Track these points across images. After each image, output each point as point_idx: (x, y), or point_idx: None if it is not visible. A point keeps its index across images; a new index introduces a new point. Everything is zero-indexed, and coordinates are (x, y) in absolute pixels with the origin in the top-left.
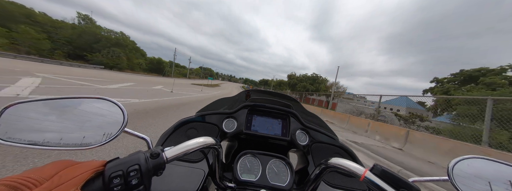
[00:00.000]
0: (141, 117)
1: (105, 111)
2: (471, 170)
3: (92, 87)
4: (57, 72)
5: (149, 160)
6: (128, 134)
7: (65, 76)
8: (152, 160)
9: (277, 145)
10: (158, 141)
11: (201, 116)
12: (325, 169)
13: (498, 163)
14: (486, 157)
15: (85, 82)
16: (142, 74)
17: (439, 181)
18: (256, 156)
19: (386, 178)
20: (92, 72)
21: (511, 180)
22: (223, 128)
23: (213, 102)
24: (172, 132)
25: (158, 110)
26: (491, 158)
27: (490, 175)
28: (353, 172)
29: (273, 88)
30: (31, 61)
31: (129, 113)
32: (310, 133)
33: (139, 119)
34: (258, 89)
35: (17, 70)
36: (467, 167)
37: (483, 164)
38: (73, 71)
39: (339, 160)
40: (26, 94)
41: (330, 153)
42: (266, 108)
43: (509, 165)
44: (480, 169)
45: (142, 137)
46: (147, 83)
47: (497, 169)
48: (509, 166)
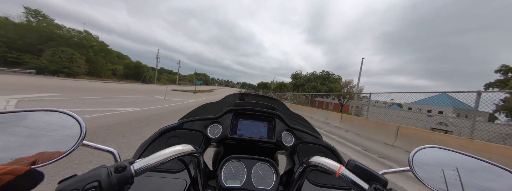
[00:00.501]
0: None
1: (58, 124)
2: (427, 158)
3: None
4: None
5: (113, 175)
6: (90, 148)
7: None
8: (117, 174)
9: (265, 148)
10: (135, 153)
11: (184, 123)
12: (306, 168)
13: (449, 151)
14: (439, 146)
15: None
16: (110, 80)
17: (404, 171)
18: (240, 161)
19: (359, 173)
20: (15, 79)
21: (458, 167)
22: (208, 134)
23: (197, 107)
24: (151, 142)
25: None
26: (443, 147)
27: (443, 162)
28: (330, 169)
29: (273, 91)
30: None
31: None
32: (296, 133)
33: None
34: (246, 93)
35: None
36: (424, 156)
37: (437, 152)
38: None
39: (317, 158)
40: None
41: (314, 152)
42: (251, 111)
43: (457, 153)
44: (434, 157)
45: (107, 150)
46: (89, 92)
47: (449, 156)
48: (458, 153)
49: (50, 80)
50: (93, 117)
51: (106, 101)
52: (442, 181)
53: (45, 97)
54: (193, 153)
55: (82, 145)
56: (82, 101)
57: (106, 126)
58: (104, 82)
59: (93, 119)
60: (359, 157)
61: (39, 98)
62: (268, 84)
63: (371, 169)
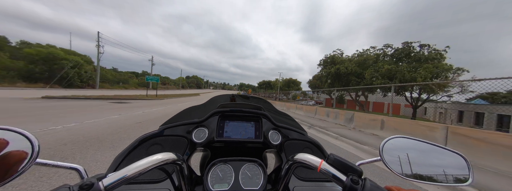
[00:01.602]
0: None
1: (5, 143)
2: (393, 147)
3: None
4: None
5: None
6: (48, 166)
7: None
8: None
9: (253, 148)
10: (110, 166)
11: (165, 130)
12: (292, 165)
13: (411, 140)
14: (403, 136)
15: None
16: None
17: (376, 161)
18: (227, 163)
19: (337, 166)
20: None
21: (414, 151)
22: (193, 139)
23: (180, 112)
24: (128, 153)
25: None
26: (406, 136)
27: (404, 149)
28: (312, 165)
29: (280, 90)
30: None
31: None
32: (282, 131)
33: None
34: (246, 95)
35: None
36: (392, 146)
37: (404, 141)
38: None
39: (301, 155)
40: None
41: (300, 148)
42: (236, 112)
43: (416, 140)
44: (398, 146)
45: (70, 166)
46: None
47: (410, 144)
48: (416, 141)
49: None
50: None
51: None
52: (399, 164)
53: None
54: (175, 161)
55: (37, 164)
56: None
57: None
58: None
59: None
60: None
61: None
62: (271, 82)
63: (348, 162)
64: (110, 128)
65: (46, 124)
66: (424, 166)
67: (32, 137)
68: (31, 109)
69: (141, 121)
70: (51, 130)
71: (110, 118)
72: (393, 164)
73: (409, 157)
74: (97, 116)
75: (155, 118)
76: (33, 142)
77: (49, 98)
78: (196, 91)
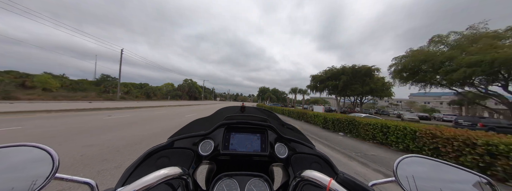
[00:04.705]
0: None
1: (28, 159)
2: (409, 168)
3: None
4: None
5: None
6: (65, 181)
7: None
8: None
9: (259, 162)
10: (119, 179)
11: (173, 142)
12: (299, 182)
13: (431, 161)
14: (421, 156)
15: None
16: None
17: (390, 182)
18: (233, 178)
19: (347, 186)
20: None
21: (436, 176)
22: (199, 152)
23: (188, 124)
24: (137, 166)
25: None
26: (425, 156)
27: (426, 172)
28: (321, 183)
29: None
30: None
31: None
32: (289, 144)
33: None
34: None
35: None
36: (407, 166)
37: (421, 161)
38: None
39: (309, 172)
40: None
41: (308, 163)
42: (242, 124)
43: (434, 161)
44: (417, 167)
45: (84, 181)
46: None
47: (432, 166)
48: (435, 161)
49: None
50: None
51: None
52: (415, 186)
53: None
54: (180, 176)
55: (56, 178)
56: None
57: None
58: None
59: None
60: None
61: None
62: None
63: (360, 182)
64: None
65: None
66: (443, 189)
67: (53, 152)
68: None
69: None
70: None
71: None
72: (409, 186)
73: (426, 178)
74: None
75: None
76: (54, 157)
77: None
78: (181, 103)
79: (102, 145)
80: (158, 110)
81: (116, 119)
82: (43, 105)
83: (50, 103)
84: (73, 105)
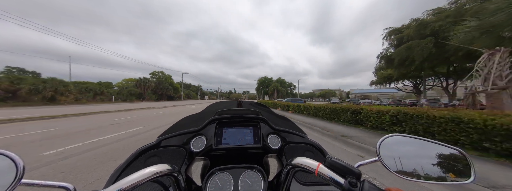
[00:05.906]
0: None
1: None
2: (390, 147)
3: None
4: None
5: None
6: (36, 186)
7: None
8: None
9: (254, 154)
10: (108, 180)
11: (163, 140)
12: (291, 169)
13: (410, 138)
14: (401, 134)
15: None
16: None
17: (374, 161)
18: (226, 171)
19: (335, 168)
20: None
21: (413, 151)
22: (191, 148)
23: (178, 121)
24: (127, 166)
25: None
26: (404, 134)
27: (406, 149)
28: (310, 168)
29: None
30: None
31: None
32: (282, 135)
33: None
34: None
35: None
36: (389, 145)
37: (401, 139)
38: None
39: (298, 159)
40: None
41: (301, 152)
42: (234, 118)
43: (413, 138)
44: (398, 145)
45: (60, 185)
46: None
47: (411, 143)
48: (413, 138)
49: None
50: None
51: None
52: (397, 163)
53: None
54: (170, 173)
55: (23, 184)
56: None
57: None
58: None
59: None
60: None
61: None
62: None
63: (346, 163)
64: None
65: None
66: (423, 165)
67: (15, 157)
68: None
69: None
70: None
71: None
72: (392, 164)
73: (407, 155)
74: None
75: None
76: (17, 162)
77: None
78: (123, 107)
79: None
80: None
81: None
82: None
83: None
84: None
